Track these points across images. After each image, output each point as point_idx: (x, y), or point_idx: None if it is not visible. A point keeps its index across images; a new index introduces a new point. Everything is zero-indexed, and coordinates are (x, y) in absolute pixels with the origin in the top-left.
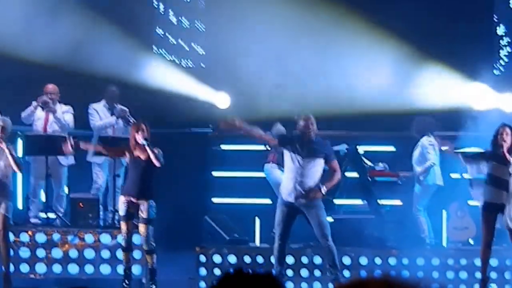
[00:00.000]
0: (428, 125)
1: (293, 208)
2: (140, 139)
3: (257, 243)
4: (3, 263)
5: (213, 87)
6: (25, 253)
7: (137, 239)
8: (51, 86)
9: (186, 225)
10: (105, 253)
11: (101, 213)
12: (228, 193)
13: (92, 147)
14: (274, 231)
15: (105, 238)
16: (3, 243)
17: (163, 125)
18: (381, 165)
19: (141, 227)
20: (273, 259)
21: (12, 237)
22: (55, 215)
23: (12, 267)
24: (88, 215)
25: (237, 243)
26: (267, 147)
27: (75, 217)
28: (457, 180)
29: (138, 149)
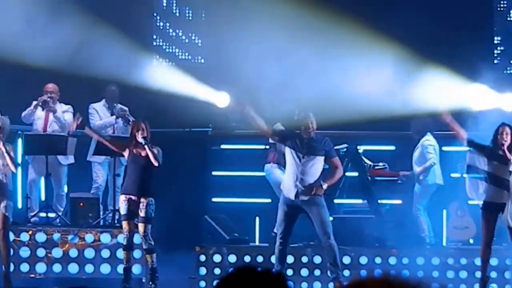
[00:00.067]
0: (426, 126)
1: (295, 207)
2: (139, 138)
3: (257, 242)
4: (3, 262)
5: (213, 86)
6: (25, 252)
7: (137, 238)
8: (51, 85)
9: (186, 224)
10: (105, 253)
11: (101, 213)
12: (228, 192)
13: (96, 136)
14: (275, 230)
15: (105, 238)
16: (3, 243)
17: (163, 125)
18: (381, 164)
19: (140, 226)
20: (273, 259)
21: (12, 236)
22: (55, 215)
23: (12, 267)
24: (88, 214)
25: (237, 243)
26: (266, 147)
27: (75, 216)
28: (457, 179)
29: (138, 148)
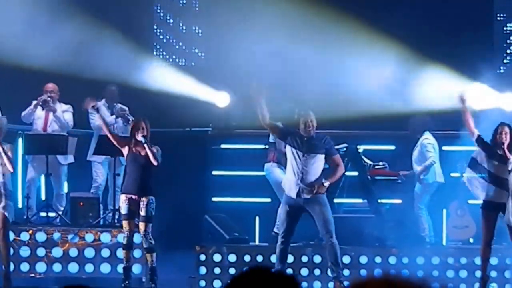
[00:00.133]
0: (425, 124)
1: (297, 207)
2: (139, 136)
3: (257, 242)
4: (3, 262)
5: (213, 86)
6: (25, 252)
7: (137, 238)
8: (51, 85)
9: (186, 224)
10: (105, 252)
11: (101, 212)
12: (228, 192)
13: (104, 126)
14: (276, 230)
15: (105, 237)
16: (3, 242)
17: (163, 124)
18: (381, 164)
19: (140, 225)
20: (273, 258)
21: (12, 236)
22: (55, 214)
23: (12, 266)
24: (88, 214)
25: (237, 242)
26: (266, 146)
27: (75, 216)
28: (457, 179)
29: (137, 147)
